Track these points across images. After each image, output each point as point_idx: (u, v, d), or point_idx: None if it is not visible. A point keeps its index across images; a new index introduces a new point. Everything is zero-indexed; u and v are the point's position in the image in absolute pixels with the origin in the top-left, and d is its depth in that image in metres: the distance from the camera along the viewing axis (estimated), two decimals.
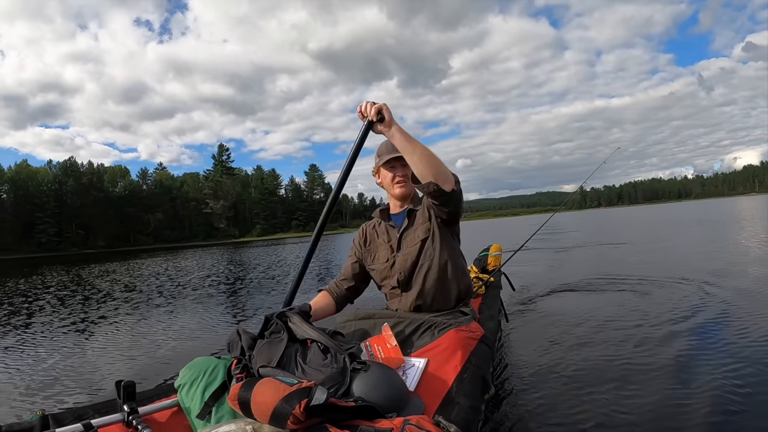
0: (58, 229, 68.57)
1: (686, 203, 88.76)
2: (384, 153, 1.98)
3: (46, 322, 5.06)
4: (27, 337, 4.35)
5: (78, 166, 75.84)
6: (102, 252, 54.48)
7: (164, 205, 79.89)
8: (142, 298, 6.77)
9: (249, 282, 8.43)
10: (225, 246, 42.31)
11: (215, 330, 4.12)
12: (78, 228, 70.11)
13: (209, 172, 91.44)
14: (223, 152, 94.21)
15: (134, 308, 5.76)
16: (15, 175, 68.82)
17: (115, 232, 72.25)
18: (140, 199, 78.95)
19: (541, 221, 4.05)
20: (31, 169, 72.38)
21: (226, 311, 5.18)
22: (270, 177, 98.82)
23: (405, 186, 1.98)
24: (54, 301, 7.05)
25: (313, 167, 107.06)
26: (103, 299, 6.59)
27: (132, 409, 1.30)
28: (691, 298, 3.77)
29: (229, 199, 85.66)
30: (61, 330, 4.56)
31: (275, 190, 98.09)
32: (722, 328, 2.95)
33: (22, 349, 3.84)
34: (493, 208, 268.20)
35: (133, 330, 4.10)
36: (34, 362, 3.37)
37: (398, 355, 1.50)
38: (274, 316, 1.52)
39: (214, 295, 6.80)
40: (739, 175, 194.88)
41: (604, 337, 2.94)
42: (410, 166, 1.72)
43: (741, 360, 2.36)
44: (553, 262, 7.05)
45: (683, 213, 26.95)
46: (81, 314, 5.41)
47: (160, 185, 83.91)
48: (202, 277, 9.76)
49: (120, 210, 74.40)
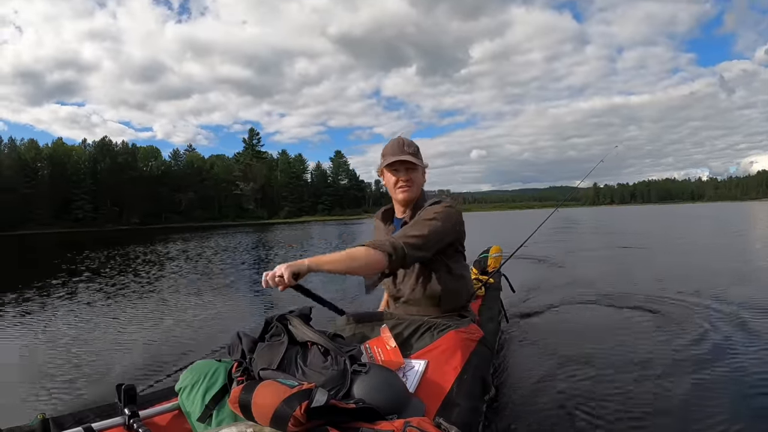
0: (94, 206, 70.77)
1: (697, 205, 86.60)
2: (388, 154, 1.86)
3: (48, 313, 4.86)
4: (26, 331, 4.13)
5: (113, 145, 77.88)
6: (136, 229, 55.78)
7: (195, 185, 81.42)
8: (155, 288, 6.48)
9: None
10: (254, 227, 42.84)
11: (216, 332, 4.02)
12: (113, 205, 72.23)
13: (239, 155, 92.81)
14: (254, 136, 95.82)
15: (142, 302, 5.44)
16: (53, 152, 71.13)
17: (148, 210, 74.02)
18: (172, 179, 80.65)
19: (553, 216, 4.02)
20: (66, 147, 74.51)
21: (233, 310, 5.03)
22: (296, 161, 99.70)
23: (407, 191, 1.86)
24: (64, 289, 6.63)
25: (338, 153, 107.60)
26: (114, 293, 6.08)
27: (133, 412, 1.29)
28: (697, 306, 3.67)
29: (259, 181, 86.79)
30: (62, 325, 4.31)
31: (301, 174, 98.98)
32: (733, 331, 2.92)
33: (20, 346, 3.68)
34: (506, 201, 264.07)
35: (134, 331, 3.86)
36: (32, 361, 3.26)
37: (398, 356, 1.51)
38: (275, 318, 1.52)
39: (230, 287, 6.56)
40: (753, 180, 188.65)
41: (605, 337, 2.94)
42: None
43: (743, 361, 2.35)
44: (554, 263, 6.93)
45: (694, 213, 26.69)
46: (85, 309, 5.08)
47: (191, 166, 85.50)
48: (226, 265, 9.53)
49: (153, 189, 76.09)
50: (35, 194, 64.03)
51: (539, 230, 3.57)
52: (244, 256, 11.19)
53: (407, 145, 1.87)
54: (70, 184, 69.17)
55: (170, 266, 9.26)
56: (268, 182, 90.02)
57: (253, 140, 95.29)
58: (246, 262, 9.90)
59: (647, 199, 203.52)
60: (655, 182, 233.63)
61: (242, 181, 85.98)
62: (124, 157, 76.78)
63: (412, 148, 1.88)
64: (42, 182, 67.03)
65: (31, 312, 4.83)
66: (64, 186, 68.28)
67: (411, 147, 1.87)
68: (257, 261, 10.13)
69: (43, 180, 67.77)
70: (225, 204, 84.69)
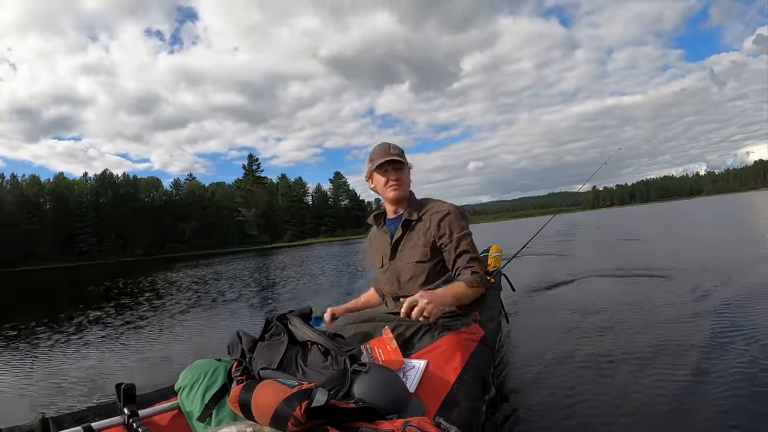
0: (98, 239, 70.98)
1: (696, 200, 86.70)
2: (377, 157, 1.95)
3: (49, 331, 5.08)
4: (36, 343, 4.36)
5: (114, 177, 78.54)
6: (140, 260, 55.90)
7: (197, 213, 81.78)
8: (155, 305, 6.84)
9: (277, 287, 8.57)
10: (257, 252, 42.94)
11: (216, 332, 4.07)
12: (117, 237, 72.44)
13: (240, 181, 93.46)
14: (253, 162, 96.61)
15: (143, 315, 5.76)
16: (55, 187, 71.71)
17: (152, 241, 74.17)
18: (174, 209, 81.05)
19: (552, 222, 4.03)
20: (68, 182, 75.10)
21: (232, 315, 5.12)
22: (296, 185, 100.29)
23: (398, 189, 1.95)
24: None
25: (337, 174, 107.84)
26: (121, 307, 6.55)
27: (132, 412, 1.29)
28: (702, 301, 3.65)
29: (260, 207, 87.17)
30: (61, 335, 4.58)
31: (302, 198, 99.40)
32: (732, 344, 2.88)
33: (27, 354, 3.86)
34: (506, 210, 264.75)
35: (134, 333, 4.02)
36: (36, 367, 3.42)
37: (398, 357, 1.51)
38: (275, 318, 1.53)
39: (232, 300, 6.87)
40: (750, 170, 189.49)
41: (606, 337, 2.92)
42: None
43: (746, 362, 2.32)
44: (554, 263, 6.95)
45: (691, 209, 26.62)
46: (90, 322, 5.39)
47: (193, 195, 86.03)
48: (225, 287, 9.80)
49: (156, 219, 76.44)
50: (38, 230, 64.23)
51: (539, 233, 3.59)
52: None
53: (393, 148, 1.98)
54: (73, 218, 69.45)
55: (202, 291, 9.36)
56: (270, 207, 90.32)
57: (253, 166, 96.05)
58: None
59: (647, 198, 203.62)
60: (654, 181, 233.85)
61: (244, 207, 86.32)
62: (125, 189, 77.36)
63: (398, 149, 1.97)
64: (45, 217, 67.42)
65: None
66: (67, 220, 68.57)
67: (396, 149, 1.98)
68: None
69: (46, 215, 68.19)
70: (228, 231, 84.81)
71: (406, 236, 1.96)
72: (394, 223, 2.02)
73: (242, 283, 10.07)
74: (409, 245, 1.94)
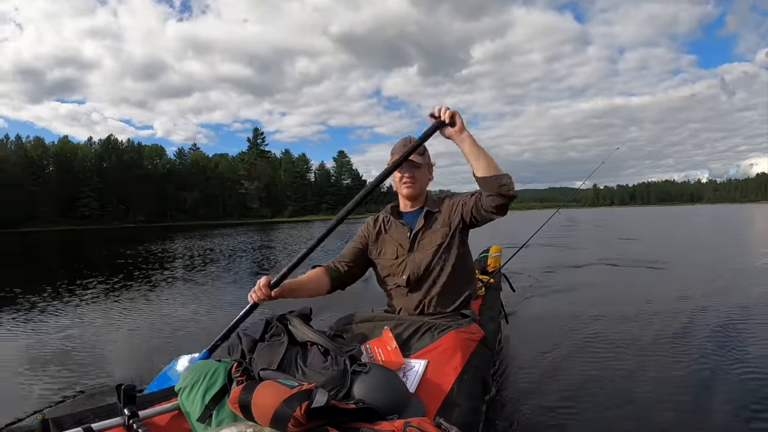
0: (100, 203, 71.07)
1: (696, 207, 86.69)
2: (397, 152, 1.93)
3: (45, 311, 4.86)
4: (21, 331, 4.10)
5: (118, 143, 78.30)
6: (142, 227, 55.90)
7: (200, 184, 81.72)
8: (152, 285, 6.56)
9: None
10: (258, 225, 42.95)
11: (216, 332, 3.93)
12: (119, 203, 72.53)
13: (243, 154, 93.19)
14: (258, 135, 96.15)
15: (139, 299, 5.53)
16: (60, 150, 71.53)
17: (154, 208, 74.27)
18: (178, 178, 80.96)
19: (554, 217, 4.02)
20: (72, 145, 74.93)
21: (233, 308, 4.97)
22: (300, 161, 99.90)
23: (411, 187, 1.96)
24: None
25: (341, 153, 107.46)
26: (114, 290, 6.16)
27: (132, 412, 1.29)
28: (701, 304, 3.71)
29: (263, 180, 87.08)
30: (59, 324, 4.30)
31: (305, 174, 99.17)
32: (734, 343, 2.90)
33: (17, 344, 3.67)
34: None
35: (134, 332, 3.93)
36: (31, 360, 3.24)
37: (398, 357, 1.51)
38: (275, 318, 1.53)
39: (232, 283, 6.78)
40: (752, 183, 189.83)
41: (605, 337, 2.95)
42: (474, 171, 1.76)
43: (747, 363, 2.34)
44: (554, 263, 6.94)
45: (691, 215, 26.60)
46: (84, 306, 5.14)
47: (196, 165, 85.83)
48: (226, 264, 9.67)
49: (158, 187, 76.37)
50: (41, 191, 64.22)
51: (541, 230, 3.58)
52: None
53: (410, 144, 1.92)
54: (76, 182, 69.41)
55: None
56: (272, 181, 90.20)
57: (257, 139, 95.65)
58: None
59: (647, 200, 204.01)
60: (655, 184, 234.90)
61: (247, 180, 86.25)
62: (129, 156, 77.08)
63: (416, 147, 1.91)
64: (49, 179, 67.36)
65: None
66: (70, 183, 68.48)
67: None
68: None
69: (50, 177, 68.10)
70: (229, 203, 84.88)
71: (425, 227, 1.96)
72: (412, 216, 2.01)
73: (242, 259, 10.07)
74: (428, 234, 1.94)
